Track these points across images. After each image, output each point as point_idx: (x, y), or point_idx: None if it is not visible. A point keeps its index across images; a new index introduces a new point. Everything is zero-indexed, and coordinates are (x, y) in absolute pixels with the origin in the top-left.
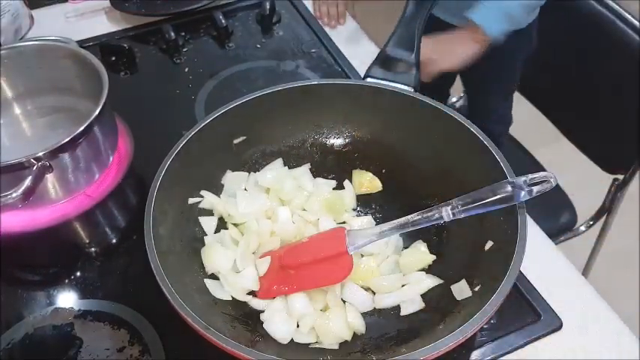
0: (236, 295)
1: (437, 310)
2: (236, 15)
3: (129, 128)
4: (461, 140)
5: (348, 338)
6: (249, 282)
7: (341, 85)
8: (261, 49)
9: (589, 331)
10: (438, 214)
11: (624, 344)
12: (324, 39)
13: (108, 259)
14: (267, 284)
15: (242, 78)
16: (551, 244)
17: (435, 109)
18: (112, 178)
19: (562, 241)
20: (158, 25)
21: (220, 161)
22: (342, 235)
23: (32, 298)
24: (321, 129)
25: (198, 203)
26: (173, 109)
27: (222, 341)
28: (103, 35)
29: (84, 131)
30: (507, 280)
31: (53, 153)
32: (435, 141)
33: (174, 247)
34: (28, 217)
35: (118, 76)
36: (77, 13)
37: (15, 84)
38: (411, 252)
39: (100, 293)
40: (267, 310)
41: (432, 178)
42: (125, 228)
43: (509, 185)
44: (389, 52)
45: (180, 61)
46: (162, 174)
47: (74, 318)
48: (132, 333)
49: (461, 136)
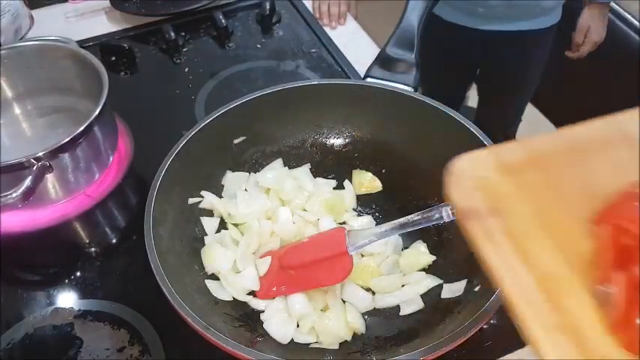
0: (236, 295)
1: (437, 310)
2: (236, 15)
3: (129, 128)
4: (461, 140)
5: (348, 338)
6: (249, 282)
7: (341, 85)
8: (261, 49)
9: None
10: (438, 214)
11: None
12: (324, 39)
13: (108, 259)
14: (267, 284)
15: (242, 78)
16: None
17: (435, 109)
18: (112, 178)
19: None
20: (158, 25)
21: (220, 161)
22: (342, 236)
23: (32, 298)
24: (321, 129)
25: (198, 203)
26: (173, 109)
27: (222, 341)
28: (103, 35)
29: (84, 131)
30: None
31: (53, 153)
32: (434, 141)
33: (174, 247)
34: (28, 217)
35: (118, 76)
36: (77, 13)
37: (15, 84)
38: (411, 252)
39: (100, 293)
40: (267, 310)
41: (432, 178)
42: (125, 228)
43: None
44: (389, 52)
45: (180, 61)
46: (162, 174)
47: (74, 318)
48: (132, 333)
49: (461, 136)
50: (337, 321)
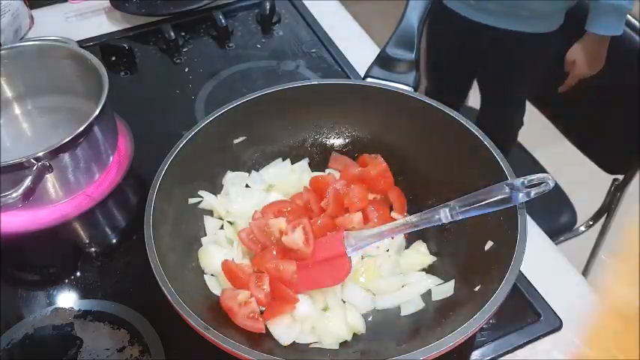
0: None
1: (437, 310)
2: (236, 15)
3: (129, 128)
4: (461, 140)
5: (348, 338)
6: None
7: (341, 85)
8: (261, 49)
9: (588, 331)
10: (436, 215)
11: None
12: (324, 39)
13: (108, 259)
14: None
15: (242, 78)
16: (552, 245)
17: (435, 109)
18: (112, 178)
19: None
20: (158, 25)
21: (220, 161)
22: (340, 238)
23: (32, 298)
24: (321, 129)
25: (198, 203)
26: (173, 109)
27: (222, 341)
28: (103, 35)
29: (84, 131)
30: (507, 280)
31: (53, 153)
32: (434, 141)
33: (174, 247)
34: (28, 217)
35: (118, 76)
36: (77, 13)
37: (15, 84)
38: (411, 252)
39: (100, 293)
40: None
41: (432, 178)
42: (125, 228)
43: (508, 187)
44: (389, 52)
45: (180, 61)
46: (162, 174)
47: (74, 318)
48: (132, 333)
49: (461, 137)
50: (337, 321)
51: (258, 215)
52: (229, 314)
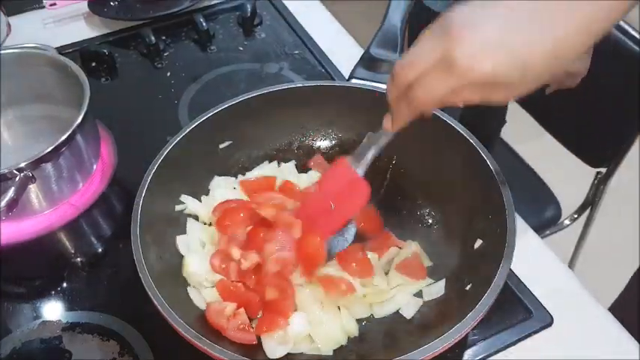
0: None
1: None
2: (217, 18)
3: (111, 135)
4: (449, 141)
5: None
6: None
7: (326, 87)
8: (243, 52)
9: (579, 326)
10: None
11: (613, 337)
12: (306, 40)
13: (95, 269)
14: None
15: (225, 81)
16: (539, 240)
17: None
18: (96, 187)
19: (547, 235)
20: (138, 30)
21: (207, 166)
22: (345, 164)
23: (19, 312)
24: (307, 131)
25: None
26: (156, 115)
27: (214, 350)
28: (83, 41)
29: (66, 140)
30: (498, 278)
31: (35, 163)
32: (421, 141)
33: (162, 255)
34: (12, 228)
35: (99, 82)
36: (55, 19)
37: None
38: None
39: (87, 304)
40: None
41: (419, 179)
42: (111, 237)
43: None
44: (373, 52)
45: (161, 65)
46: (147, 181)
47: (62, 330)
48: (122, 344)
49: (449, 137)
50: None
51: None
52: (219, 330)
